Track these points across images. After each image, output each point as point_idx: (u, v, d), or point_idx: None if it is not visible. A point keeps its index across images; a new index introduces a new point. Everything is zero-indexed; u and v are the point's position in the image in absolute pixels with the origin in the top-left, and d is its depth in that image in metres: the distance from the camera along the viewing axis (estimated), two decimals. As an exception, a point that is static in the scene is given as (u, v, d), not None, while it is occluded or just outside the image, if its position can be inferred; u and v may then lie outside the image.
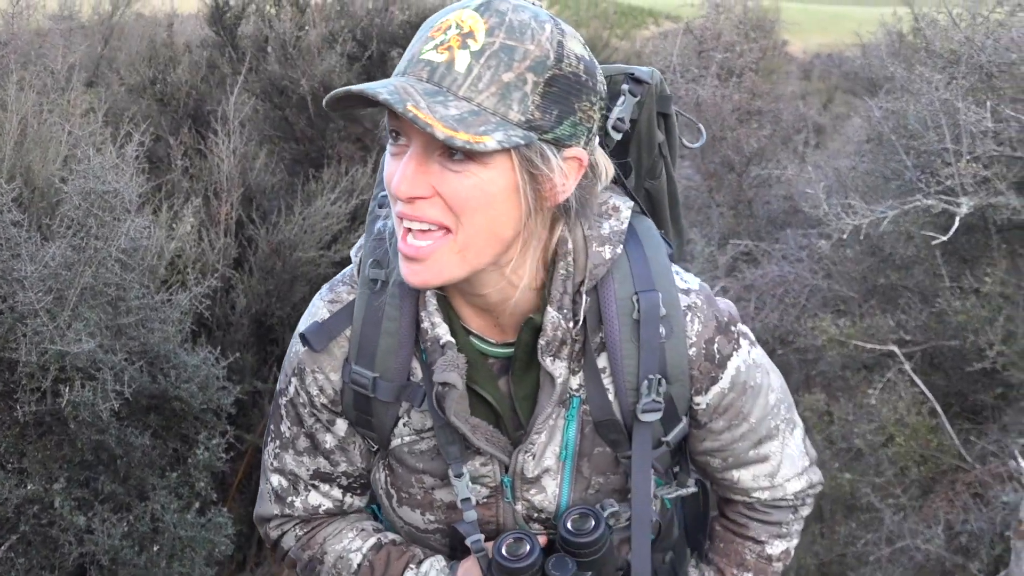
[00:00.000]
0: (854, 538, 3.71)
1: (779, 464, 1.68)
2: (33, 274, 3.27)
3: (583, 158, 1.39)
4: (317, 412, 1.63)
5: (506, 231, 1.36)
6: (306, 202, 4.94)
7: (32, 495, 3.31)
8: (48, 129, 4.35)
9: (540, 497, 1.56)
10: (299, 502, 1.71)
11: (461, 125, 1.25)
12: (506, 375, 1.55)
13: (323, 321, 1.58)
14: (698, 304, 1.53)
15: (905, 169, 3.86)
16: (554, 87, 1.32)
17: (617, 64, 1.66)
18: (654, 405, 1.48)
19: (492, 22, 1.31)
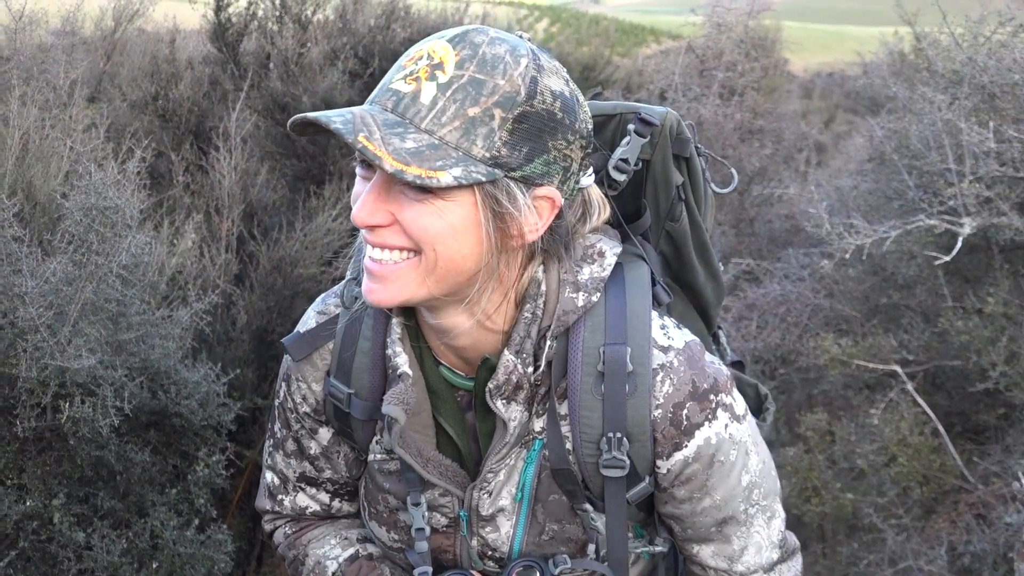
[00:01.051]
0: (856, 559, 3.69)
1: (742, 549, 1.59)
2: (34, 289, 3.27)
3: (556, 198, 1.36)
4: (301, 419, 1.65)
5: (466, 264, 1.34)
6: (307, 218, 4.95)
7: (31, 511, 3.30)
8: (50, 144, 4.36)
9: (494, 536, 1.54)
10: (288, 501, 1.73)
11: (415, 159, 1.24)
12: (472, 409, 1.53)
13: (306, 332, 1.59)
14: (674, 365, 1.46)
15: (907, 189, 3.87)
16: (524, 123, 1.30)
17: (630, 102, 1.63)
18: (616, 462, 1.43)
19: (464, 54, 1.30)
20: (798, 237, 4.79)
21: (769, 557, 1.61)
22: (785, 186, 5.00)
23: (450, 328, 1.43)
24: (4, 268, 3.36)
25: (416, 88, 1.28)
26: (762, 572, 1.61)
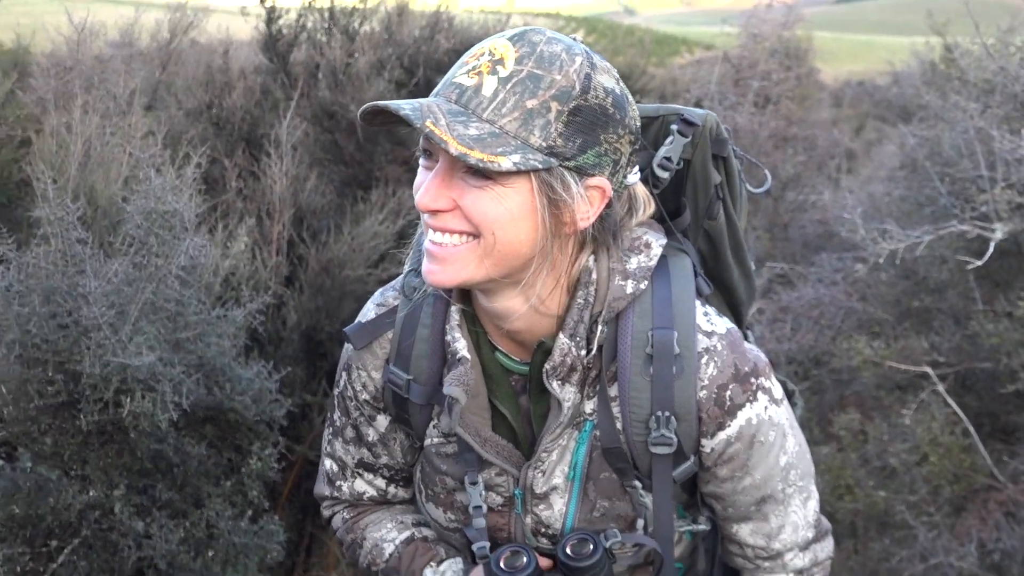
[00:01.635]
0: (888, 555, 3.67)
1: (779, 528, 1.61)
2: (97, 290, 3.32)
3: (606, 188, 1.40)
4: (360, 407, 1.67)
5: (522, 248, 1.38)
6: (355, 222, 4.98)
7: (94, 501, 3.35)
8: (110, 151, 4.41)
9: (547, 513, 1.56)
10: (346, 487, 1.76)
11: (478, 144, 1.29)
12: (526, 393, 1.56)
13: (367, 321, 1.62)
14: (717, 348, 1.49)
15: (939, 195, 3.84)
16: (579, 116, 1.35)
17: (671, 105, 1.67)
18: (664, 439, 1.46)
19: (523, 51, 1.34)
20: (831, 242, 4.77)
21: (804, 536, 1.65)
22: (819, 192, 4.98)
23: (506, 311, 1.47)
24: (69, 269, 3.42)
25: (478, 82, 1.33)
26: (797, 549, 1.65)
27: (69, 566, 3.31)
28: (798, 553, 1.65)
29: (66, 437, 3.38)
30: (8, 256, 3.44)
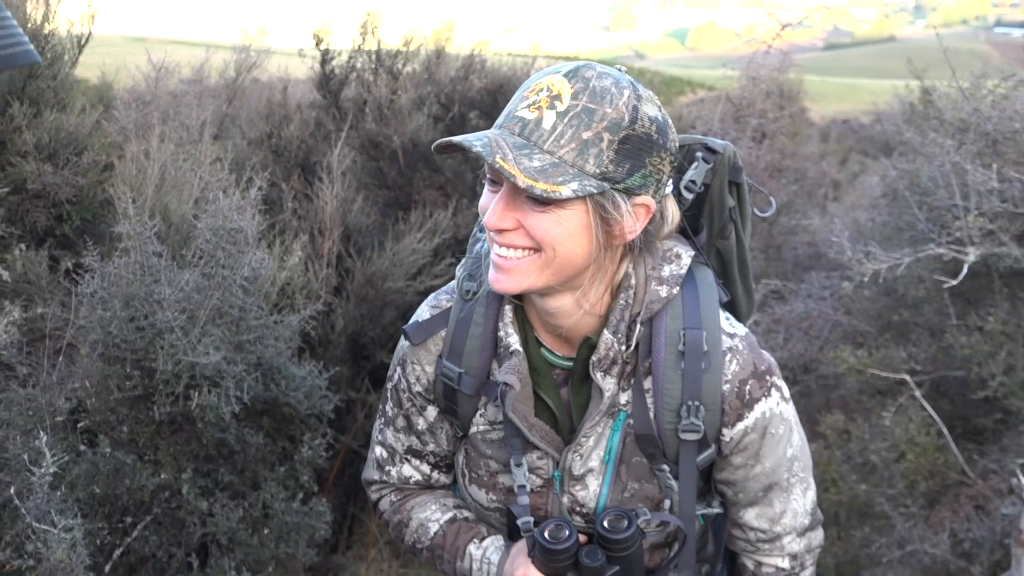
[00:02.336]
0: (868, 542, 3.65)
1: (782, 513, 1.62)
2: (170, 296, 3.34)
3: (651, 205, 1.43)
4: (412, 398, 1.68)
5: (579, 260, 1.41)
6: (395, 240, 5.00)
7: (164, 483, 3.37)
8: (183, 175, 4.44)
9: (583, 493, 1.56)
10: (395, 472, 1.76)
11: (541, 175, 1.31)
12: (567, 385, 1.57)
13: (423, 321, 1.64)
14: (739, 348, 1.52)
15: (917, 221, 3.83)
16: (627, 144, 1.36)
17: (696, 135, 1.68)
18: (693, 427, 1.47)
19: (577, 87, 1.36)
20: (819, 262, 4.76)
21: (802, 522, 1.65)
22: (809, 218, 4.98)
23: (559, 311, 1.49)
24: (146, 278, 3.44)
25: (539, 116, 1.35)
26: (795, 534, 1.66)
27: (141, 540, 3.32)
28: (795, 538, 1.65)
29: (141, 426, 3.39)
30: (93, 266, 3.47)
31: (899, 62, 6.78)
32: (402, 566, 4.67)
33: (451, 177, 5.88)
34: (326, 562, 4.44)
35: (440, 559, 1.68)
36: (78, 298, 3.60)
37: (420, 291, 4.83)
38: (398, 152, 5.73)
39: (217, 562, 3.41)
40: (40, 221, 4.17)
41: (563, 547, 1.46)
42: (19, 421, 3.15)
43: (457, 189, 5.74)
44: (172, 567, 3.37)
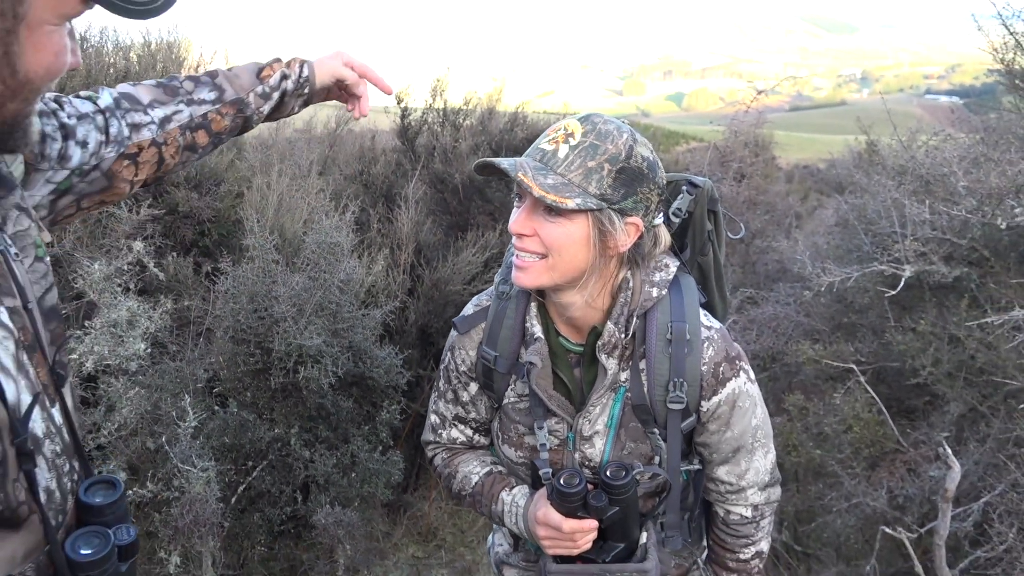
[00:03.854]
0: (822, 495, 3.59)
1: (747, 470, 1.61)
2: (284, 294, 3.37)
3: (640, 225, 1.42)
4: (459, 376, 1.67)
5: (580, 264, 1.41)
6: (455, 254, 5.01)
7: (277, 436, 3.39)
8: (295, 202, 4.49)
9: (591, 451, 1.55)
10: (445, 434, 1.75)
11: (553, 190, 1.33)
12: (578, 366, 1.56)
13: (468, 315, 1.64)
14: (714, 338, 1.51)
15: (864, 244, 3.76)
16: (623, 175, 1.37)
17: (683, 173, 1.68)
18: (678, 398, 1.47)
19: (587, 128, 1.37)
20: (785, 275, 4.69)
21: (763, 479, 1.64)
22: (777, 241, 4.91)
23: (568, 304, 1.49)
24: (266, 279, 3.47)
25: (555, 148, 1.37)
26: (757, 488, 1.64)
27: (259, 479, 3.35)
28: (757, 491, 1.64)
29: (260, 392, 3.43)
30: (227, 270, 3.51)
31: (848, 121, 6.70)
32: (455, 505, 4.67)
33: (499, 206, 5.88)
34: (398, 500, 4.46)
35: (479, 503, 1.67)
36: (215, 294, 3.65)
37: (474, 293, 4.82)
38: (458, 187, 5.75)
39: (316, 497, 3.43)
40: (187, 235, 4.23)
41: (575, 491, 1.45)
42: (170, 386, 3.20)
43: (503, 215, 5.75)
44: (282, 500, 3.40)
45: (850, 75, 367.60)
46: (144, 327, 3.11)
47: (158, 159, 1.35)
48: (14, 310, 0.96)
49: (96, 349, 2.96)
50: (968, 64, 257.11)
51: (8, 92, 0.87)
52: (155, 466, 2.99)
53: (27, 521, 0.93)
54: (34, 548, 0.94)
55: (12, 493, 0.90)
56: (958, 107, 5.88)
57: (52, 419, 1.00)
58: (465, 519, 4.59)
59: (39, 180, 1.19)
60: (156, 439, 2.99)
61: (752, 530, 1.67)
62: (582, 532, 1.47)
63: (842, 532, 3.42)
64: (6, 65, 0.85)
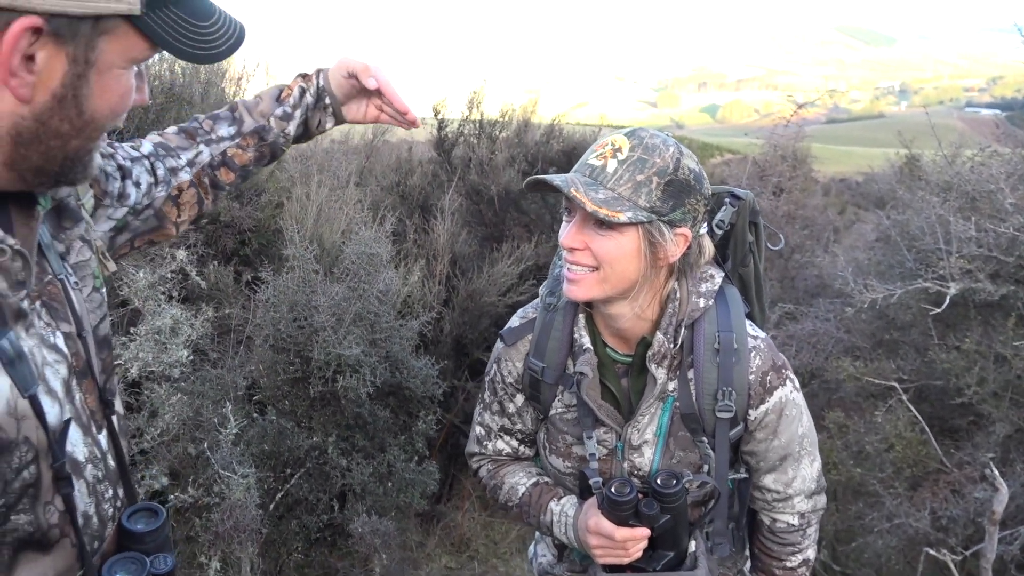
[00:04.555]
0: (862, 515, 3.53)
1: (793, 478, 1.60)
2: (324, 303, 3.41)
3: (688, 235, 1.44)
4: (505, 388, 1.68)
5: (631, 276, 1.42)
6: (490, 265, 5.02)
7: (315, 444, 3.42)
8: (334, 212, 4.54)
9: (640, 460, 1.55)
10: (490, 446, 1.75)
11: (604, 205, 1.34)
12: (626, 376, 1.57)
13: (514, 327, 1.65)
14: (761, 347, 1.52)
15: (906, 261, 3.71)
16: (671, 187, 1.39)
17: (725, 186, 1.68)
18: (727, 407, 1.47)
19: (634, 143, 1.39)
20: (824, 291, 4.63)
21: (809, 486, 1.63)
22: (816, 256, 4.86)
23: (618, 316, 1.50)
24: (306, 289, 3.52)
25: (604, 163, 1.39)
26: (804, 496, 1.63)
27: (297, 486, 3.38)
28: (804, 499, 1.64)
29: (299, 400, 3.46)
30: (267, 279, 3.56)
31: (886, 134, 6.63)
32: (488, 516, 4.67)
33: (534, 218, 5.90)
34: (432, 510, 4.47)
35: (527, 514, 1.68)
36: (255, 302, 3.70)
37: (509, 304, 4.84)
38: (494, 198, 5.77)
39: (352, 506, 3.45)
40: (228, 244, 4.30)
41: (626, 500, 1.45)
42: (211, 393, 3.25)
43: (538, 227, 5.76)
44: (319, 508, 3.43)
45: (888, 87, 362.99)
46: (187, 334, 3.17)
47: (197, 199, 1.40)
48: (69, 336, 1.00)
49: (140, 356, 3.02)
50: (1010, 76, 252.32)
51: (73, 131, 0.91)
52: (196, 472, 3.03)
53: (58, 544, 0.95)
54: (65, 572, 0.96)
55: (42, 516, 0.92)
56: (1001, 120, 5.79)
57: (97, 444, 1.03)
58: (498, 530, 4.59)
59: (102, 216, 1.25)
60: (197, 445, 3.03)
61: (799, 538, 1.67)
62: (634, 540, 1.47)
63: (883, 553, 3.36)
64: (74, 106, 0.89)
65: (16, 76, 0.83)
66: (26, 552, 0.91)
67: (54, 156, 0.91)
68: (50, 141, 0.89)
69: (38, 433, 0.90)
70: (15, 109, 0.86)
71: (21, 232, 0.95)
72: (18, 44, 0.81)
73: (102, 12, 0.85)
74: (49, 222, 1.05)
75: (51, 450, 0.92)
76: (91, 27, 0.86)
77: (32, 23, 0.81)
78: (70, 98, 0.88)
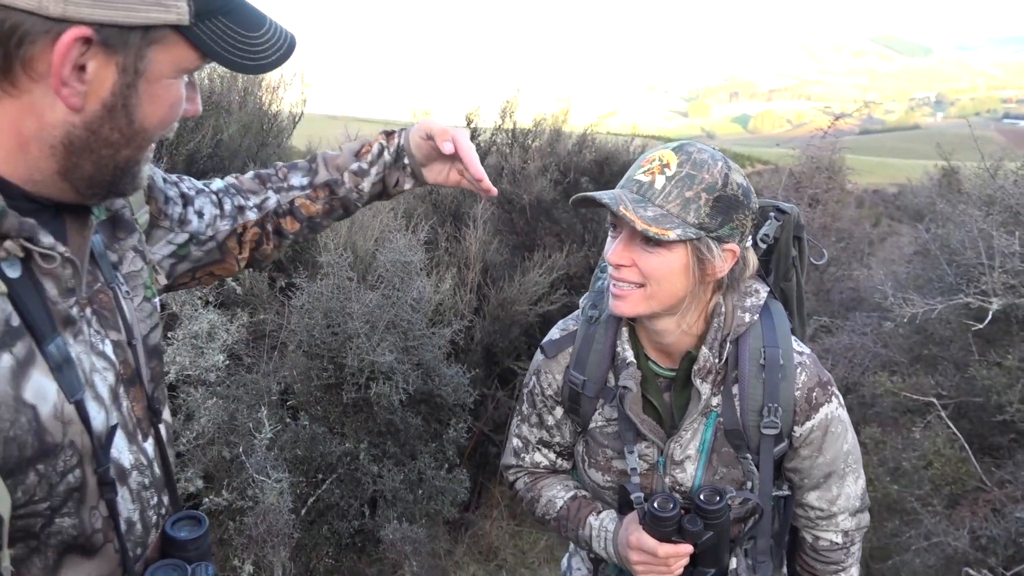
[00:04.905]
0: (899, 532, 3.46)
1: (838, 495, 1.59)
2: (358, 311, 3.43)
3: (736, 251, 1.43)
4: (544, 400, 1.67)
5: (678, 292, 1.42)
6: (521, 274, 5.02)
7: (347, 451, 3.44)
8: (368, 220, 4.57)
9: (682, 475, 1.54)
10: (528, 458, 1.74)
11: (654, 222, 1.33)
12: (669, 391, 1.56)
13: (555, 339, 1.64)
14: (807, 363, 1.50)
15: (947, 275, 3.65)
16: (720, 203, 1.37)
17: (769, 199, 1.67)
18: (772, 424, 1.46)
19: (682, 158, 1.38)
20: (861, 304, 4.57)
21: (854, 504, 1.62)
22: (852, 269, 4.80)
23: (663, 331, 1.50)
24: (340, 296, 3.54)
25: (652, 179, 1.38)
26: (848, 514, 1.61)
27: (328, 492, 3.40)
28: (848, 517, 1.61)
29: (332, 406, 3.48)
30: (302, 285, 3.59)
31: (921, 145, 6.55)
32: (516, 525, 4.65)
33: (565, 227, 5.89)
34: (460, 518, 4.46)
35: (564, 527, 1.67)
36: (289, 308, 3.73)
37: (539, 314, 4.83)
38: (526, 207, 5.77)
39: (383, 512, 3.46)
40: (264, 250, 4.34)
41: (669, 515, 1.44)
42: (246, 398, 3.28)
43: (570, 236, 5.74)
44: (350, 514, 3.44)
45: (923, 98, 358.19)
46: (223, 339, 3.20)
47: (258, 241, 1.41)
48: (118, 344, 1.02)
49: (178, 360, 3.06)
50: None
51: (123, 140, 0.92)
52: (230, 475, 3.06)
53: (102, 549, 0.96)
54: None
55: (88, 520, 0.93)
56: (1043, 133, 5.68)
57: (143, 452, 1.05)
58: (527, 540, 4.57)
59: (161, 238, 1.27)
60: (232, 449, 3.06)
61: (842, 556, 1.64)
62: (677, 557, 1.46)
63: (921, 572, 3.29)
64: (124, 115, 0.90)
65: (68, 86, 0.85)
66: (71, 556, 0.92)
67: (105, 165, 0.93)
68: (101, 150, 0.91)
69: (83, 438, 0.92)
70: (67, 118, 0.87)
71: (74, 241, 0.97)
72: (69, 54, 0.83)
73: (151, 22, 0.86)
74: (103, 232, 1.08)
75: (95, 455, 0.93)
76: (141, 37, 0.87)
77: (83, 33, 0.83)
78: (120, 107, 0.89)
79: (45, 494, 0.87)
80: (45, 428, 0.87)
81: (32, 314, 0.87)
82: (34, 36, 0.82)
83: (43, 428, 0.86)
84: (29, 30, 0.82)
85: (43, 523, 0.88)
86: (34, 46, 0.82)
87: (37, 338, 0.87)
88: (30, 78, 0.84)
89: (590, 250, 5.53)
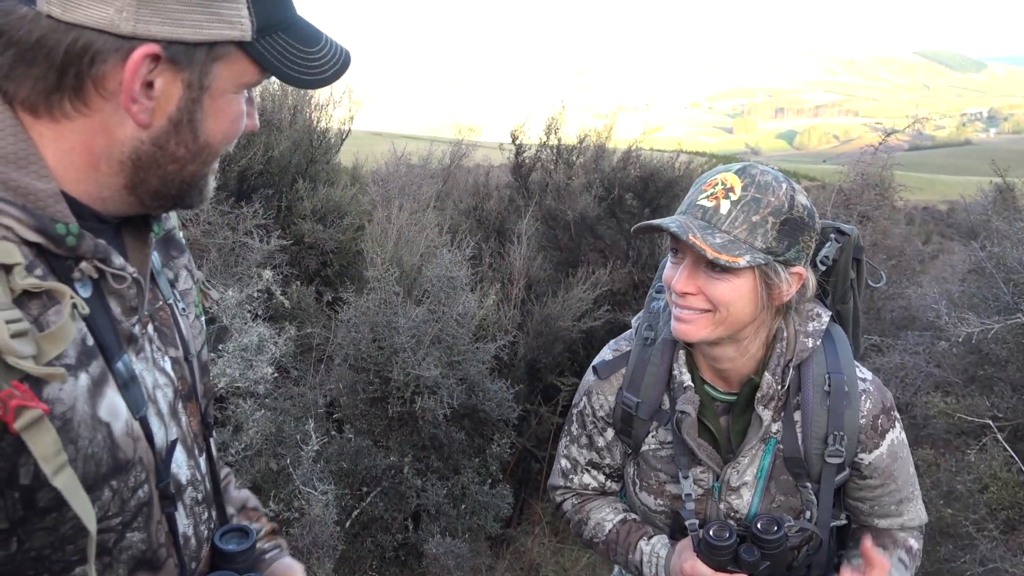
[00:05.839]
0: (953, 557, 3.35)
1: (909, 520, 1.58)
2: (404, 325, 3.45)
3: (803, 273, 1.41)
4: (595, 421, 1.65)
5: (746, 318, 1.40)
6: (565, 290, 5.01)
7: (391, 464, 3.45)
8: (413, 235, 4.61)
9: (738, 502, 1.52)
10: (576, 480, 1.73)
11: (723, 250, 1.31)
12: (726, 415, 1.53)
13: (608, 360, 1.62)
14: (871, 390, 1.48)
15: (1002, 294, 3.55)
16: (786, 226, 1.35)
17: (828, 220, 1.64)
18: (837, 452, 1.44)
19: (746, 181, 1.36)
20: (912, 323, 4.46)
21: (920, 523, 1.61)
22: (903, 287, 4.69)
23: (724, 357, 1.48)
24: (386, 311, 3.57)
25: (716, 204, 1.36)
26: (915, 530, 1.61)
27: (373, 504, 3.41)
28: (914, 534, 1.60)
29: (378, 420, 3.50)
30: (349, 299, 3.63)
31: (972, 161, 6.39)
32: (559, 542, 4.62)
33: (609, 244, 5.87)
34: (502, 534, 4.44)
35: (614, 552, 1.64)
36: (336, 322, 3.78)
37: (583, 330, 4.81)
38: (570, 223, 5.77)
39: (426, 526, 3.46)
40: (311, 265, 4.41)
41: (725, 544, 1.41)
42: (293, 410, 3.31)
43: (614, 253, 5.72)
44: (394, 527, 3.45)
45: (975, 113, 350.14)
46: (271, 352, 3.25)
47: None
48: (176, 360, 1.04)
49: (228, 372, 3.11)
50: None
51: (189, 155, 0.94)
52: (277, 487, 3.09)
53: (165, 564, 0.98)
54: None
55: (155, 535, 0.95)
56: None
57: (198, 467, 1.07)
58: (568, 557, 4.53)
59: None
60: (279, 460, 3.10)
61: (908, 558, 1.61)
62: None
63: (976, 600, 3.18)
64: (189, 131, 0.92)
65: (137, 102, 0.87)
66: (140, 571, 0.94)
67: (171, 180, 0.95)
68: (168, 165, 0.93)
69: (148, 454, 0.94)
70: (135, 134, 0.90)
71: (135, 258, 0.99)
72: (139, 71, 0.85)
73: (216, 39, 0.88)
74: (159, 250, 1.10)
75: (157, 470, 0.95)
76: (206, 53, 0.89)
77: (152, 51, 0.85)
78: (186, 122, 0.91)
79: (118, 509, 0.90)
80: (118, 445, 0.89)
81: (102, 333, 0.90)
82: (106, 55, 0.84)
83: (116, 445, 0.88)
84: (101, 48, 0.84)
85: (115, 538, 0.90)
86: (105, 64, 0.85)
87: (107, 357, 0.89)
88: (101, 96, 0.87)
89: (634, 266, 5.50)
